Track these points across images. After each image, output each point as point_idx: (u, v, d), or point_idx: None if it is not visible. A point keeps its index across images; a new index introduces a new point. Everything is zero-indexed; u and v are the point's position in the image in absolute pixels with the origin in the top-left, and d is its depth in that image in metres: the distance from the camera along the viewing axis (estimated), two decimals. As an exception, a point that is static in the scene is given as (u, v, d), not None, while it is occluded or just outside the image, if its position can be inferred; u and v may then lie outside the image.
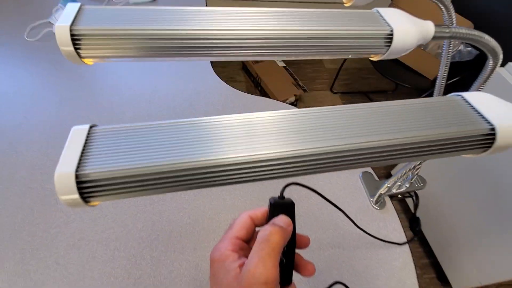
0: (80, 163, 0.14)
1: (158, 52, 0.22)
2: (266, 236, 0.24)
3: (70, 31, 0.19)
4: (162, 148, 0.15)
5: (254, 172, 0.17)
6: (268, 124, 0.20)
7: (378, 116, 0.19)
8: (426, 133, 0.18)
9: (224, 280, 0.24)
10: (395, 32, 0.23)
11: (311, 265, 0.29)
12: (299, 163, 0.17)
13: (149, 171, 0.14)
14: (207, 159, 0.15)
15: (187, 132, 0.17)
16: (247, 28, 0.22)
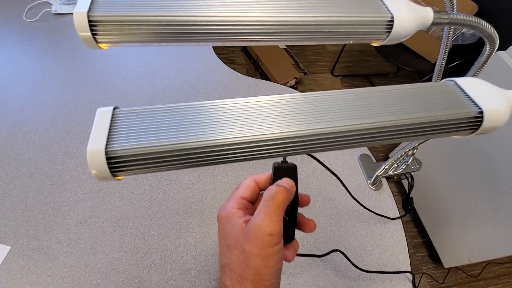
0: (108, 141, 0.16)
1: (170, 38, 0.23)
2: (271, 194, 0.26)
3: (88, 17, 0.20)
4: (178, 128, 0.17)
5: (258, 151, 0.19)
6: (272, 107, 0.21)
7: (375, 100, 0.21)
8: (419, 115, 0.19)
9: (232, 234, 0.26)
10: (395, 19, 0.24)
11: (312, 222, 0.32)
12: (297, 143, 0.19)
13: (167, 148, 0.16)
14: (215, 139, 0.17)
15: (200, 114, 0.18)
16: (250, 14, 0.23)
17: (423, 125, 0.19)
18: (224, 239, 0.27)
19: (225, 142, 0.17)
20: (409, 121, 0.19)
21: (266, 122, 0.20)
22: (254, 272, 0.24)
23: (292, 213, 0.31)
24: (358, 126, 0.19)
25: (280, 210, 0.26)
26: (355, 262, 0.54)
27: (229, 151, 0.17)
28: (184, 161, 0.17)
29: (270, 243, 0.24)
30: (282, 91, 0.80)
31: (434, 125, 0.19)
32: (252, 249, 0.24)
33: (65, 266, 0.51)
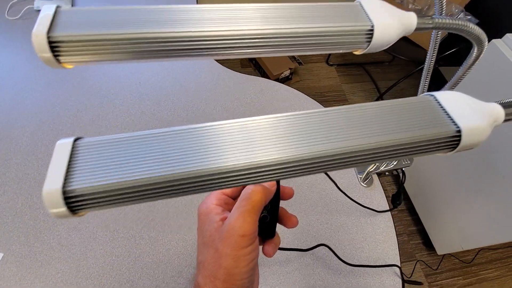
0: (66, 179, 0.15)
1: (142, 55, 0.22)
2: (248, 194, 0.26)
3: (47, 38, 0.19)
4: (144, 160, 0.16)
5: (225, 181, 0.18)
6: (256, 130, 0.20)
7: (352, 120, 0.20)
8: (397, 136, 0.19)
9: (208, 232, 0.26)
10: (375, 28, 0.23)
11: (294, 218, 0.32)
12: (269, 171, 0.18)
13: (132, 184, 0.15)
14: (187, 170, 0.16)
15: (172, 141, 0.18)
16: (228, 29, 0.22)
17: (400, 147, 0.19)
18: (202, 236, 0.27)
19: (192, 174, 0.16)
20: (390, 143, 0.18)
21: (252, 148, 0.19)
22: (225, 272, 0.24)
23: (274, 209, 0.30)
24: (345, 149, 0.19)
25: (256, 210, 0.25)
26: (345, 256, 0.55)
27: (198, 183, 0.17)
28: (151, 194, 0.16)
29: (242, 244, 0.24)
30: (272, 86, 0.78)
31: (411, 146, 0.19)
32: (224, 249, 0.24)
33: (57, 272, 0.52)
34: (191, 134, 0.19)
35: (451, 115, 0.19)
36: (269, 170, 0.18)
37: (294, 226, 0.32)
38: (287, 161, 0.18)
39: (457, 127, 0.19)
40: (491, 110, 0.21)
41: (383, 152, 0.19)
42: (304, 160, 0.18)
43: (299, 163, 0.18)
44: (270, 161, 0.18)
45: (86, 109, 0.69)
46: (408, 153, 0.19)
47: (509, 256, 1.51)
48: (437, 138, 0.19)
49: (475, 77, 1.07)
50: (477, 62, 0.36)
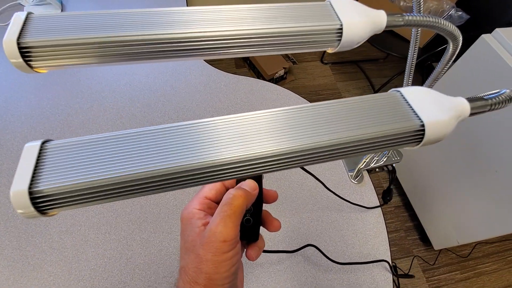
0: (33, 180, 0.15)
1: (114, 58, 0.22)
2: (229, 199, 0.26)
3: (17, 44, 0.19)
4: (111, 159, 0.17)
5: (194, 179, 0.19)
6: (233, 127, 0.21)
7: (328, 116, 0.21)
8: (366, 131, 0.19)
9: (190, 237, 0.26)
10: (344, 27, 0.23)
11: (277, 222, 0.32)
12: (245, 166, 0.19)
13: (97, 183, 0.16)
14: (147, 169, 0.17)
15: (140, 141, 0.18)
16: (201, 31, 0.22)
17: (369, 141, 0.19)
18: (184, 241, 0.27)
19: (155, 173, 0.16)
20: (359, 137, 0.19)
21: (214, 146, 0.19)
22: (206, 277, 0.24)
23: (257, 212, 0.30)
24: (323, 144, 0.19)
25: (237, 215, 0.25)
26: (336, 252, 0.55)
27: (162, 181, 0.17)
28: (117, 193, 0.17)
29: (223, 249, 0.24)
30: (262, 86, 0.79)
31: (380, 140, 0.19)
32: (205, 254, 0.24)
33: (49, 275, 0.52)
34: (167, 132, 0.19)
35: (416, 110, 0.20)
36: (249, 164, 0.18)
37: (276, 230, 0.32)
38: (271, 155, 0.18)
39: (421, 121, 0.19)
40: (457, 105, 0.21)
41: (355, 146, 0.19)
42: (286, 154, 0.19)
43: (289, 156, 0.19)
44: (246, 156, 0.18)
45: (76, 113, 0.70)
46: (377, 147, 0.20)
47: (505, 249, 1.52)
48: (402, 132, 0.19)
49: (466, 71, 1.08)
50: (467, 57, 0.36)
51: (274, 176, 0.65)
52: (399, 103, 0.20)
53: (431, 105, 0.20)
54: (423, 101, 0.20)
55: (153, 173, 0.17)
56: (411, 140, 0.20)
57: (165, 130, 0.19)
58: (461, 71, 1.09)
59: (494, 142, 0.99)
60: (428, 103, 0.20)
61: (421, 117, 0.19)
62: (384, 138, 0.19)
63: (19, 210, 0.15)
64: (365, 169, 0.66)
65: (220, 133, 0.20)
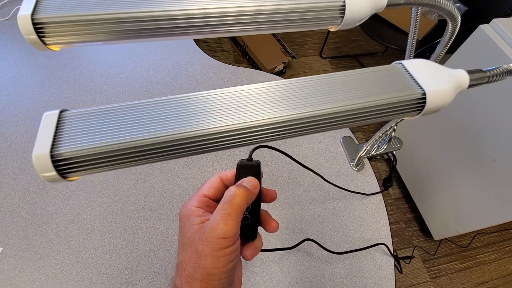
0: (54, 144, 0.16)
1: (126, 35, 0.23)
2: (229, 197, 0.26)
3: (31, 20, 0.20)
4: (125, 126, 0.17)
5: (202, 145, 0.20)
6: (228, 99, 0.21)
7: (333, 86, 0.21)
8: (369, 99, 0.20)
9: (188, 233, 0.26)
10: (347, 3, 0.24)
11: (275, 222, 0.32)
12: (250, 133, 0.19)
13: (114, 147, 0.16)
14: (160, 135, 0.18)
15: (148, 111, 0.19)
16: (207, 7, 0.23)
17: (369, 110, 0.20)
18: (182, 238, 0.27)
19: (168, 139, 0.17)
20: (354, 106, 0.19)
21: (219, 115, 0.20)
22: (204, 272, 0.24)
23: (255, 210, 0.30)
24: (324, 111, 0.20)
25: (237, 212, 0.26)
26: (339, 238, 0.56)
27: (169, 147, 0.18)
28: (131, 157, 0.17)
29: (222, 245, 0.24)
30: (263, 78, 0.79)
31: (380, 108, 0.20)
32: (204, 249, 0.24)
33: (57, 263, 0.53)
34: (180, 101, 0.20)
35: (417, 80, 0.20)
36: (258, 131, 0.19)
37: (273, 231, 0.32)
38: (275, 122, 0.19)
39: (423, 90, 0.20)
40: (456, 76, 0.22)
41: (360, 113, 0.20)
42: (291, 121, 0.19)
43: (287, 123, 0.19)
44: (258, 122, 0.19)
45: (78, 106, 0.70)
46: (380, 115, 0.21)
47: (504, 239, 1.54)
48: (405, 100, 0.20)
49: (464, 62, 1.08)
50: (465, 47, 0.37)
51: (273, 170, 0.66)
52: (401, 74, 0.21)
53: (432, 75, 0.21)
54: (424, 72, 0.21)
55: (161, 139, 0.17)
56: (413, 108, 0.21)
57: (173, 100, 0.20)
58: (460, 62, 1.10)
59: (492, 131, 1.00)
60: (429, 74, 0.21)
61: (423, 87, 0.20)
62: (387, 106, 0.20)
63: (42, 174, 0.16)
64: (366, 156, 0.67)
65: (221, 103, 0.20)
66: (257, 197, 0.30)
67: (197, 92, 0.20)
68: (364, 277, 0.55)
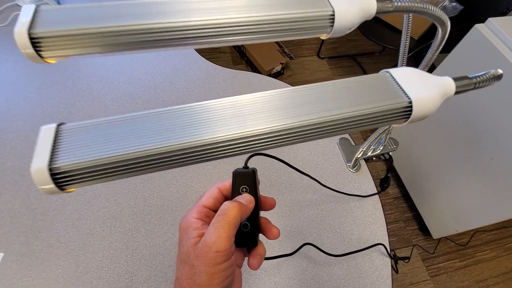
0: (52, 158, 0.17)
1: (121, 47, 0.23)
2: (223, 210, 0.26)
3: (28, 34, 0.20)
4: (121, 138, 0.18)
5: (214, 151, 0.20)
6: (217, 110, 0.22)
7: (324, 95, 0.22)
8: (358, 108, 0.21)
9: (185, 248, 0.26)
10: (336, 13, 0.25)
11: (275, 229, 0.32)
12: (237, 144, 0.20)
13: (111, 160, 0.17)
14: (156, 147, 0.18)
15: (143, 123, 0.19)
16: (199, 19, 0.24)
17: (358, 118, 0.21)
18: (179, 252, 0.27)
19: (163, 150, 0.18)
20: (343, 115, 0.20)
21: (208, 127, 0.21)
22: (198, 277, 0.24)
23: (254, 217, 0.31)
24: (318, 120, 0.20)
25: (231, 225, 0.26)
26: (336, 240, 0.56)
27: (164, 158, 0.18)
28: (127, 169, 0.18)
29: (216, 260, 0.24)
30: (260, 80, 0.80)
31: (368, 117, 0.21)
32: (199, 265, 0.24)
33: (57, 267, 0.53)
34: (176, 113, 0.20)
35: (404, 89, 0.21)
36: (252, 140, 0.20)
37: (275, 238, 0.32)
38: (268, 132, 0.20)
39: (409, 98, 0.21)
40: (443, 83, 0.22)
41: (349, 122, 0.21)
42: (283, 131, 0.20)
43: (280, 133, 0.20)
44: (249, 133, 0.19)
45: (77, 111, 0.71)
46: (369, 123, 0.21)
47: (503, 237, 1.54)
48: (392, 109, 0.21)
49: (460, 60, 1.09)
50: (461, 46, 0.38)
51: (270, 174, 0.67)
52: (388, 83, 0.22)
53: (418, 83, 0.22)
54: (410, 80, 0.22)
55: (156, 151, 0.18)
56: (400, 116, 0.21)
57: (168, 112, 0.21)
58: (456, 60, 1.11)
59: (488, 130, 1.01)
60: (415, 82, 0.22)
61: (409, 95, 0.21)
62: (375, 114, 0.21)
63: (41, 186, 0.16)
64: (362, 158, 0.67)
65: (216, 113, 0.21)
66: (255, 203, 0.30)
67: (193, 103, 0.21)
68: (362, 277, 0.56)
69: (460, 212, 1.21)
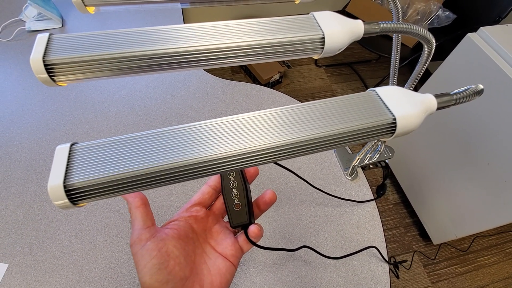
0: (66, 176, 0.18)
1: (128, 71, 0.25)
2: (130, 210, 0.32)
3: (43, 61, 0.22)
4: (130, 157, 0.20)
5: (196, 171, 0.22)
6: (220, 128, 0.24)
7: (313, 114, 0.24)
8: (345, 126, 0.22)
9: None
10: (326, 36, 0.27)
11: (269, 191, 0.34)
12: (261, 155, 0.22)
13: (121, 176, 0.19)
14: (163, 164, 0.20)
15: (150, 142, 0.21)
16: (203, 44, 0.26)
17: (346, 135, 0.22)
18: None
19: (170, 167, 0.19)
20: (331, 132, 0.22)
21: (215, 143, 0.22)
22: (139, 277, 0.27)
23: (243, 195, 0.32)
24: (312, 137, 0.22)
25: (134, 218, 0.31)
26: (334, 245, 0.58)
27: (169, 174, 0.20)
28: (135, 185, 0.20)
29: (135, 246, 0.29)
30: (258, 91, 0.82)
31: (355, 133, 0.22)
32: None
33: (61, 278, 0.54)
34: (180, 132, 0.22)
35: (388, 106, 0.23)
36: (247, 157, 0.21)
37: (272, 200, 0.34)
38: (265, 148, 0.21)
39: (393, 115, 0.22)
40: (425, 100, 0.24)
41: (338, 138, 0.23)
42: (281, 147, 0.22)
43: (277, 149, 0.22)
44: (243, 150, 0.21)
45: (80, 123, 0.73)
46: (356, 139, 0.23)
47: (503, 242, 1.55)
48: (377, 125, 0.23)
49: (452, 69, 1.12)
50: (454, 55, 0.40)
51: (270, 181, 0.68)
52: (374, 101, 0.24)
53: (402, 101, 0.23)
54: (395, 98, 0.23)
55: (162, 168, 0.20)
56: (385, 132, 0.23)
57: (171, 131, 0.22)
58: (449, 69, 1.13)
59: (485, 135, 1.03)
60: (399, 100, 0.23)
61: (393, 112, 0.22)
62: (361, 131, 0.22)
63: (56, 202, 0.18)
64: (359, 166, 0.69)
65: (215, 132, 0.23)
66: (243, 182, 0.32)
67: (196, 122, 0.22)
68: (361, 284, 0.57)
69: (459, 217, 1.22)
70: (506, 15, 1.37)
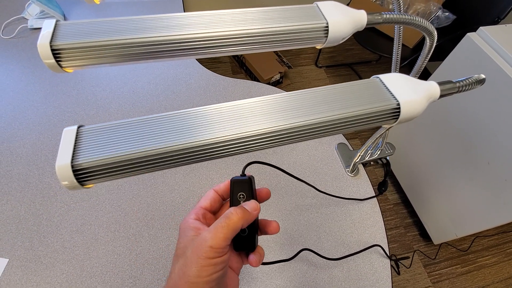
0: (74, 156, 0.18)
1: (132, 57, 0.25)
2: (227, 213, 0.28)
3: (50, 46, 0.22)
4: (135, 138, 0.20)
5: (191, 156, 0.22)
6: (220, 114, 0.24)
7: (318, 99, 0.24)
8: (350, 110, 0.23)
9: (182, 243, 0.28)
10: (330, 25, 0.27)
11: (275, 223, 0.33)
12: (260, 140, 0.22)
13: (126, 158, 0.19)
14: (166, 146, 0.20)
15: (153, 125, 0.21)
16: (207, 31, 0.26)
17: (350, 119, 0.22)
18: (176, 249, 0.29)
19: (173, 149, 0.20)
20: (336, 117, 0.22)
21: (214, 128, 0.22)
22: (187, 281, 0.25)
23: (252, 224, 0.31)
24: (314, 121, 0.22)
25: (230, 228, 0.27)
26: (336, 243, 0.57)
27: (186, 154, 0.20)
28: (144, 166, 0.20)
29: (208, 254, 0.25)
30: (260, 88, 0.82)
31: (360, 118, 0.22)
32: (192, 256, 0.26)
33: (62, 273, 0.54)
34: (182, 116, 0.22)
35: (392, 92, 0.23)
36: (251, 141, 0.22)
37: (276, 231, 0.33)
38: (266, 132, 0.22)
39: (397, 101, 0.23)
40: (428, 87, 0.24)
41: (342, 122, 0.23)
42: (280, 131, 0.22)
43: (277, 133, 0.22)
44: (250, 133, 0.21)
45: (82, 120, 0.73)
46: (360, 124, 0.23)
47: (504, 242, 1.55)
48: (381, 110, 0.23)
49: (453, 68, 1.12)
50: (454, 55, 0.40)
51: (270, 179, 0.68)
52: (378, 87, 0.24)
53: (406, 88, 0.24)
54: (399, 85, 0.24)
55: (166, 149, 0.20)
56: (389, 117, 0.23)
57: (176, 115, 0.23)
58: (449, 68, 1.14)
59: (485, 135, 1.03)
60: (403, 86, 0.24)
61: (397, 98, 0.23)
62: (366, 116, 0.23)
63: (64, 182, 0.18)
64: (360, 162, 0.69)
65: (221, 116, 0.23)
66: None
67: (198, 107, 0.23)
68: (362, 279, 0.57)
69: (459, 217, 1.21)
70: (505, 16, 1.38)
